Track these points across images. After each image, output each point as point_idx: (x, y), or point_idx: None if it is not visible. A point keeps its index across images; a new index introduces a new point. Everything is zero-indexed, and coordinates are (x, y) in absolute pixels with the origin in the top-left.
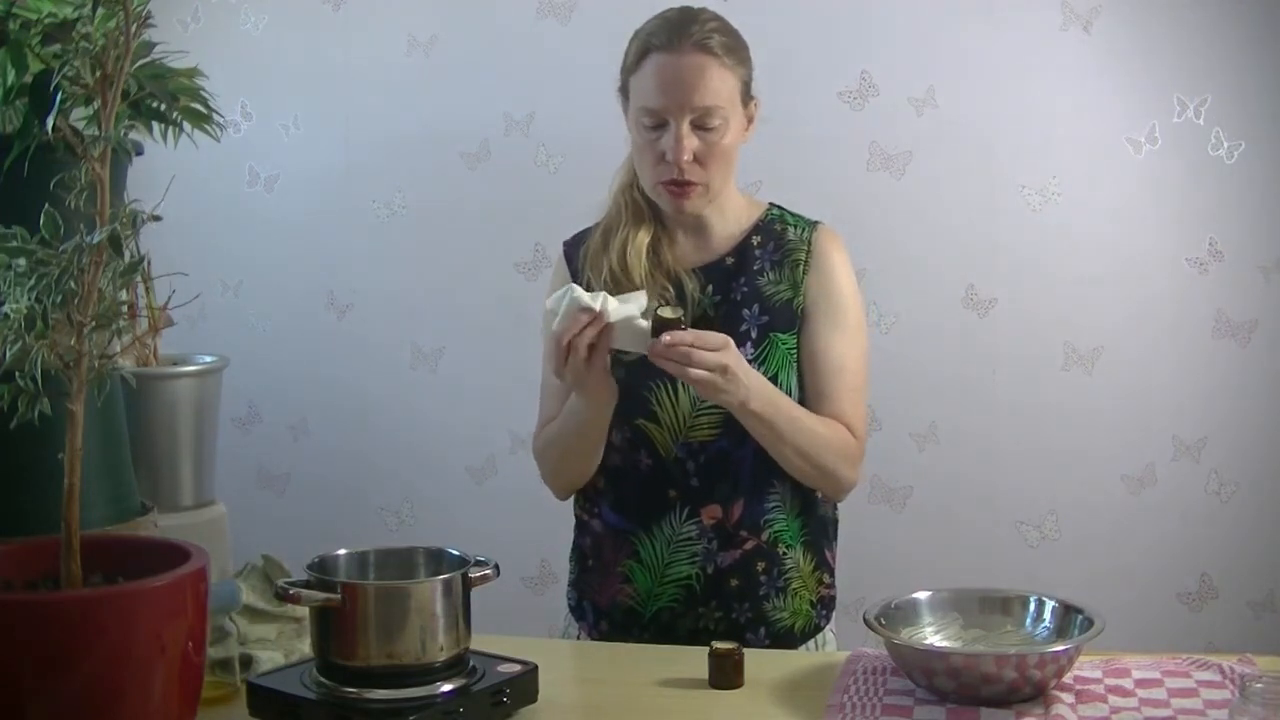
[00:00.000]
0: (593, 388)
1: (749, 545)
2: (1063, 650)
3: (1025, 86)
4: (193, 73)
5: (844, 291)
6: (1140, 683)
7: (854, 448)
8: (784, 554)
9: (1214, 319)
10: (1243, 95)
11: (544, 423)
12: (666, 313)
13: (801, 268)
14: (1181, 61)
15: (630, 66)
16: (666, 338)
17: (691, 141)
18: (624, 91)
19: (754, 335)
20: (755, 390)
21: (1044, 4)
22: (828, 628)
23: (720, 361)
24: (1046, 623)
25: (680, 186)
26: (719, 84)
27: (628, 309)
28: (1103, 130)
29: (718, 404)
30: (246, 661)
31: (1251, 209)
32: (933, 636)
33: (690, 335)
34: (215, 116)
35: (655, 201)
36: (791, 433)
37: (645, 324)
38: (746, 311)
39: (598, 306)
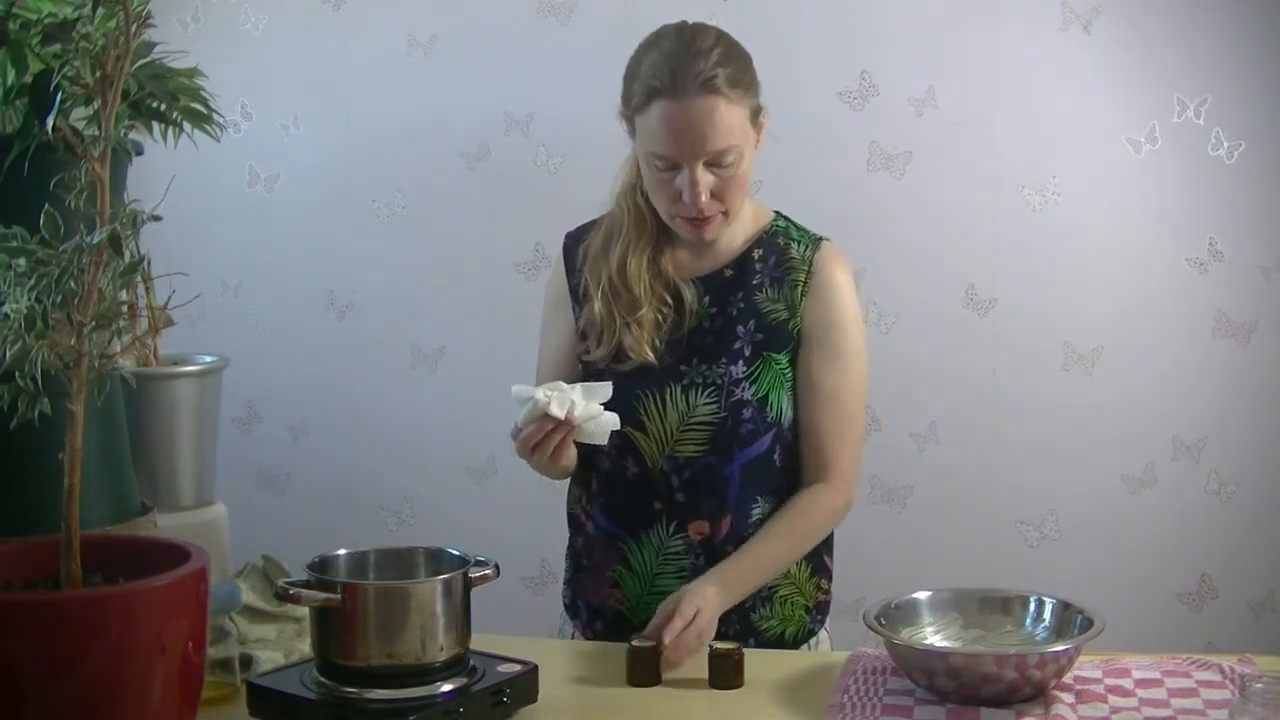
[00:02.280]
0: (553, 467)
1: None
2: (1063, 650)
3: (1025, 86)
4: (193, 73)
5: (843, 317)
6: (1140, 683)
7: (834, 504)
8: None
9: (1214, 319)
10: (1243, 95)
11: None
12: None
13: (800, 289)
14: (1181, 61)
15: (636, 106)
16: (666, 642)
17: (707, 180)
18: (628, 122)
19: (747, 353)
20: (726, 592)
21: (1044, 4)
22: (821, 629)
23: (701, 628)
24: (1046, 623)
25: (700, 221)
26: (730, 121)
27: (592, 407)
28: (1103, 130)
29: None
30: (246, 661)
31: (1251, 209)
32: (933, 636)
33: (668, 640)
34: (215, 116)
35: (669, 225)
36: (778, 568)
37: (610, 416)
38: (741, 328)
39: (563, 414)
